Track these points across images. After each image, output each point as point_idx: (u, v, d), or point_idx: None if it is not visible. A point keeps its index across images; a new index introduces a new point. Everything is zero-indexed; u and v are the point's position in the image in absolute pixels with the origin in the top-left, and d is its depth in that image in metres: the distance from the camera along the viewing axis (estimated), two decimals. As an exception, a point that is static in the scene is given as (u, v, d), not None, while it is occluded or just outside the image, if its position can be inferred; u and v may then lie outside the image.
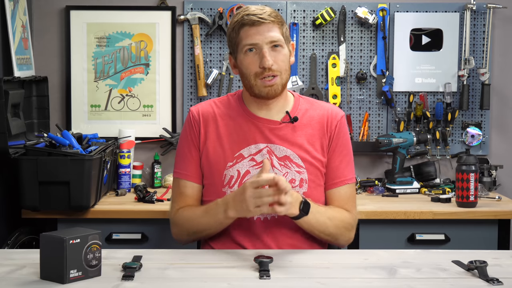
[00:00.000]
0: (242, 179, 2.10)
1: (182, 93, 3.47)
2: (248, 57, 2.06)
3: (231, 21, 2.11)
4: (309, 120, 2.16)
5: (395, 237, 2.93)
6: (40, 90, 3.22)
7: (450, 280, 1.74)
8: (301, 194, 2.08)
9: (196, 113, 2.18)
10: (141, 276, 1.75)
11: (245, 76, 2.08)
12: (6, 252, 2.16)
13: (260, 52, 2.04)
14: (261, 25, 2.03)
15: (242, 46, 2.05)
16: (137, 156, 3.44)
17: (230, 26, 2.10)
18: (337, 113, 2.19)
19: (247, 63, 2.06)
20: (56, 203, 2.78)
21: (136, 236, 2.89)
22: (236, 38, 2.07)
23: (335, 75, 3.44)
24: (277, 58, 2.05)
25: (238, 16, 2.07)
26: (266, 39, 2.03)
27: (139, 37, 3.44)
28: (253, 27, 2.03)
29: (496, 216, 2.93)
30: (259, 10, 2.05)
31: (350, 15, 3.45)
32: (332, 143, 2.16)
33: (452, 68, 3.47)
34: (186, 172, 2.16)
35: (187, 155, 2.17)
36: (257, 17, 2.02)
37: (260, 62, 2.04)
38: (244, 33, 2.04)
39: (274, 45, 2.05)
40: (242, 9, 2.10)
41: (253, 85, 2.07)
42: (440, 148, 3.47)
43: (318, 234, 2.08)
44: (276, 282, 1.72)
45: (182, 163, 2.17)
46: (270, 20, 2.04)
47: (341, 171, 2.16)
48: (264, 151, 2.12)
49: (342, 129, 2.18)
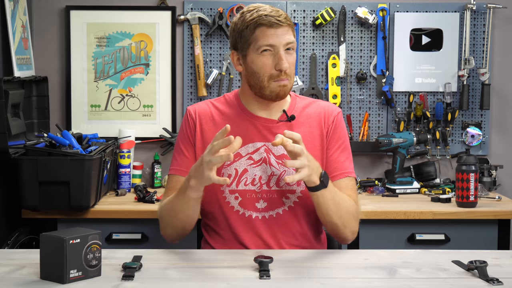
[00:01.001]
0: (240, 178, 2.11)
1: (182, 93, 3.47)
2: (263, 57, 2.05)
3: (242, 16, 2.08)
4: (306, 118, 2.17)
5: (395, 237, 2.93)
6: (40, 90, 3.22)
7: (450, 280, 1.74)
8: (299, 192, 2.09)
9: (193, 112, 2.19)
10: (141, 276, 1.75)
11: (257, 76, 2.08)
12: (6, 252, 2.16)
13: (277, 54, 2.04)
14: (279, 28, 2.03)
15: (257, 45, 2.04)
16: (137, 156, 3.44)
17: (243, 23, 2.07)
18: (333, 109, 2.20)
19: (262, 63, 2.05)
20: (56, 203, 2.78)
21: (136, 236, 2.89)
22: (250, 37, 2.06)
23: (335, 75, 3.44)
24: (290, 62, 2.07)
25: (253, 14, 2.05)
26: (283, 41, 2.04)
27: (139, 37, 3.44)
28: (271, 28, 2.03)
29: (496, 216, 2.93)
30: (275, 12, 2.05)
31: (350, 15, 3.45)
32: (330, 138, 2.16)
33: (452, 68, 3.47)
34: (180, 168, 2.16)
35: (182, 152, 2.17)
36: (276, 19, 2.03)
37: (277, 64, 2.04)
38: (261, 33, 2.04)
39: (288, 48, 2.06)
40: (254, 8, 2.08)
41: (265, 86, 2.07)
42: (440, 148, 3.47)
43: (330, 215, 2.03)
44: (276, 282, 1.72)
45: (177, 160, 2.18)
46: (286, 24, 2.05)
47: (340, 164, 2.15)
48: (262, 149, 2.12)
49: (339, 124, 2.19)
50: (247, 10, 2.09)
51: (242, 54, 2.10)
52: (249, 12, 2.07)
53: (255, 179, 2.10)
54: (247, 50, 2.08)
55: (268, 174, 2.11)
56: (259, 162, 2.11)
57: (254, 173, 2.11)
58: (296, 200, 2.11)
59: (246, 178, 2.10)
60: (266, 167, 2.11)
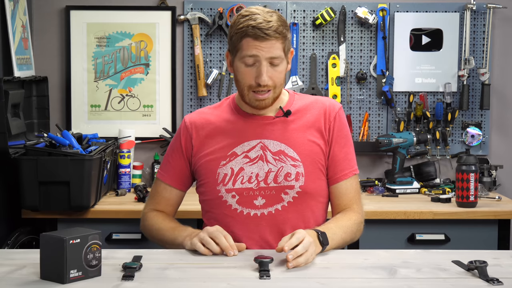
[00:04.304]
0: (236, 177, 2.11)
1: (182, 93, 3.47)
2: (245, 68, 2.05)
3: (236, 21, 2.07)
4: (304, 113, 2.17)
5: (395, 237, 2.93)
6: (40, 90, 3.22)
7: (450, 280, 1.74)
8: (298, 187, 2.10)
9: (189, 122, 2.22)
10: (141, 276, 1.75)
11: (239, 83, 2.10)
12: (6, 252, 2.16)
13: (258, 67, 2.03)
14: (265, 41, 2.01)
15: (242, 54, 2.04)
16: (137, 156, 3.44)
17: (234, 28, 2.07)
18: (334, 105, 2.20)
19: (243, 73, 2.06)
20: (56, 203, 2.78)
21: (136, 236, 2.89)
22: (237, 44, 2.05)
23: (335, 75, 3.44)
24: (273, 74, 2.05)
25: (244, 22, 2.03)
26: (266, 55, 2.02)
27: (139, 37, 3.44)
28: (256, 40, 2.01)
29: (496, 216, 2.93)
30: (265, 22, 2.01)
31: (350, 15, 3.45)
32: (333, 136, 2.15)
33: (452, 68, 3.47)
34: (166, 175, 2.23)
35: (171, 160, 2.23)
36: (262, 32, 2.00)
37: (256, 77, 2.04)
38: (246, 43, 2.03)
39: (273, 62, 2.04)
40: (248, 14, 2.05)
41: (245, 94, 2.09)
42: (440, 148, 3.47)
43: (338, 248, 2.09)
44: (276, 282, 1.72)
45: (165, 167, 2.24)
46: (274, 37, 2.01)
47: (344, 164, 2.16)
48: (258, 147, 2.13)
49: (342, 120, 2.18)
50: (242, 15, 2.07)
51: (232, 58, 2.11)
52: (243, 17, 2.05)
53: (251, 177, 2.11)
54: (235, 57, 2.09)
55: (265, 171, 2.11)
56: (255, 160, 2.12)
57: (251, 171, 2.11)
58: (296, 195, 2.11)
59: (243, 177, 2.11)
60: (263, 164, 2.11)
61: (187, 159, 2.20)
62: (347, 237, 2.09)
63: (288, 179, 2.10)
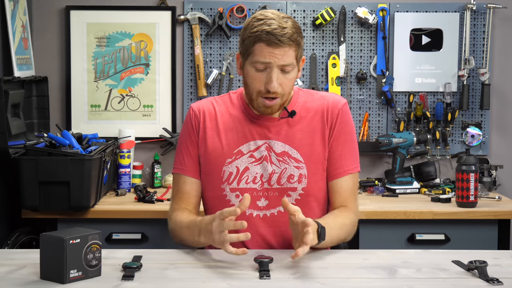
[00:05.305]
0: (241, 176, 2.11)
1: (182, 93, 3.47)
2: (256, 72, 2.03)
3: (249, 24, 2.04)
4: (308, 112, 2.15)
5: (395, 237, 2.93)
6: (40, 90, 3.22)
7: (450, 280, 1.74)
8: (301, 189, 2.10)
9: (197, 109, 2.19)
10: (141, 276, 1.75)
11: (248, 87, 2.08)
12: (6, 252, 2.16)
13: (269, 73, 2.01)
14: (278, 48, 1.99)
15: (253, 59, 2.02)
16: (137, 156, 3.44)
17: (247, 31, 2.04)
18: (338, 101, 2.18)
19: (253, 78, 2.04)
20: (56, 203, 2.78)
21: (136, 236, 2.89)
22: (249, 48, 2.03)
23: (335, 75, 3.44)
24: (283, 82, 2.03)
25: (258, 26, 2.00)
26: (278, 62, 2.00)
27: (139, 37, 3.44)
28: (269, 47, 1.99)
29: (496, 216, 2.93)
30: (280, 29, 1.98)
31: (350, 15, 3.45)
32: (334, 133, 2.14)
33: (452, 68, 3.47)
34: (184, 167, 2.17)
35: (186, 151, 2.17)
36: (276, 39, 1.97)
37: (266, 83, 2.02)
38: (258, 49, 2.00)
39: (285, 69, 2.03)
40: (263, 18, 2.01)
41: (253, 99, 2.08)
42: (440, 148, 3.47)
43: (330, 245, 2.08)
44: (276, 282, 1.72)
45: (181, 158, 2.18)
46: (288, 44, 1.99)
47: (343, 161, 2.15)
48: (263, 147, 2.13)
49: (345, 117, 2.17)
50: (257, 18, 2.03)
51: (243, 61, 2.09)
52: (257, 21, 2.02)
53: (256, 177, 2.11)
54: (246, 60, 2.07)
55: (269, 172, 2.11)
56: (260, 160, 2.12)
57: (255, 171, 2.11)
58: (298, 198, 2.11)
59: (247, 176, 2.11)
60: (267, 165, 2.11)
61: (197, 145, 2.16)
62: (341, 235, 2.08)
63: (291, 181, 2.10)
